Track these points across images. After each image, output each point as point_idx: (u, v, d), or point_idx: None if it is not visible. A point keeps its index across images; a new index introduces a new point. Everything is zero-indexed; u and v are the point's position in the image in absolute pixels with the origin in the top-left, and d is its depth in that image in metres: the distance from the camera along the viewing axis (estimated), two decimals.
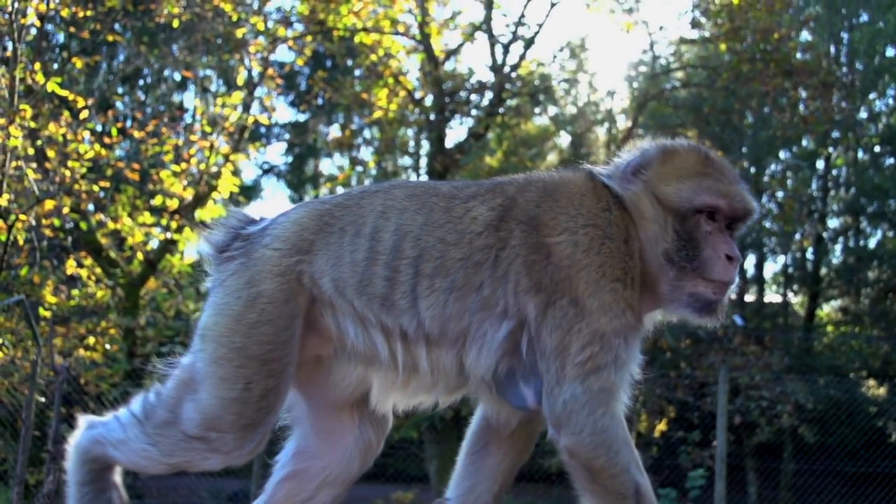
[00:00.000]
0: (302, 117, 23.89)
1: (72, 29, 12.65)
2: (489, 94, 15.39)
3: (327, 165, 25.42)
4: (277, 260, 2.92)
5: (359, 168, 18.56)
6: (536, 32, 15.40)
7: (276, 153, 29.01)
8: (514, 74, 15.66)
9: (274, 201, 31.14)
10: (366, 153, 19.55)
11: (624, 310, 2.73)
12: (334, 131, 20.15)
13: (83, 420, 3.05)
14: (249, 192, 23.80)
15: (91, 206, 13.44)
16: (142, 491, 15.81)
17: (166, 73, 18.21)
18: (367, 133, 19.64)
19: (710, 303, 2.80)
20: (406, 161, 21.75)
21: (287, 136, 24.67)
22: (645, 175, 2.87)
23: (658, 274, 2.82)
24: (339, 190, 18.00)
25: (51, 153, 11.96)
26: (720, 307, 2.83)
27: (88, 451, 2.98)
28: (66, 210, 11.64)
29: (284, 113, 31.07)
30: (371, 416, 3.18)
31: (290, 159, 25.87)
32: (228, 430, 2.83)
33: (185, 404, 2.88)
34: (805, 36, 21.91)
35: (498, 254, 2.81)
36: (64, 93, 11.81)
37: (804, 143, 21.67)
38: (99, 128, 13.40)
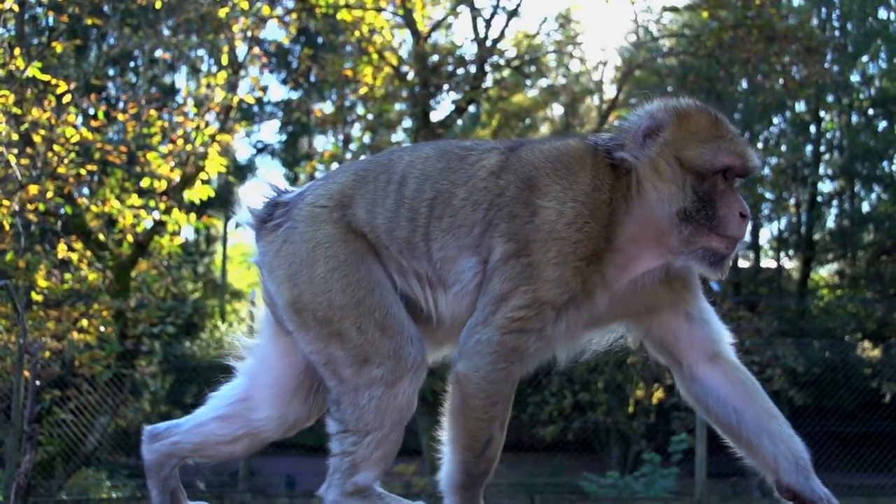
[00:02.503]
0: (295, 95, 23.91)
1: (50, 13, 12.63)
2: (472, 68, 15.33)
3: (322, 142, 25.39)
4: (327, 214, 3.03)
5: (352, 147, 18.52)
6: (518, 4, 15.35)
7: (271, 132, 28.97)
8: (498, 47, 15.60)
9: (269, 180, 31.15)
10: (357, 130, 19.49)
11: (576, 288, 2.85)
12: (324, 108, 20.08)
13: (320, 491, 3.07)
14: (244, 171, 23.85)
15: (82, 190, 13.47)
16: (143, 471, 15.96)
17: (157, 54, 18.12)
18: (359, 109, 19.58)
19: (724, 257, 2.91)
20: (400, 136, 21.70)
21: (280, 114, 24.64)
22: (660, 138, 2.94)
23: (668, 231, 2.90)
24: (333, 166, 18.02)
25: (37, 138, 11.97)
26: (728, 261, 2.94)
27: (343, 496, 3.00)
28: (49, 195, 11.65)
29: (277, 91, 30.96)
30: (321, 392, 3.24)
31: (283, 137, 25.90)
32: (384, 361, 2.91)
33: (342, 370, 2.96)
34: (798, 0, 21.78)
35: (493, 199, 2.93)
36: (46, 77, 11.82)
37: (798, 108, 21.58)
38: (91, 111, 13.41)
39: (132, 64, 22.09)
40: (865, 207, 23.70)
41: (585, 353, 3.27)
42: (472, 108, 20.10)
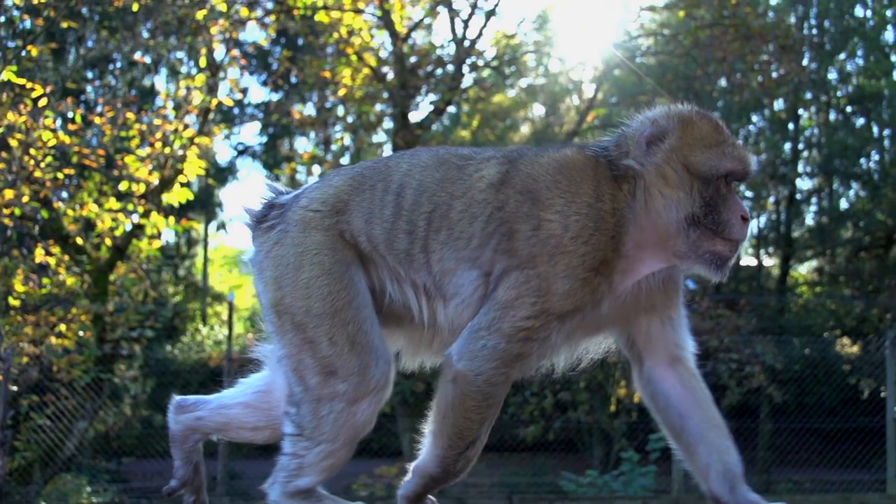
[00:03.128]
0: (276, 97, 23.83)
1: (25, 16, 12.54)
2: (450, 68, 15.33)
3: (303, 144, 25.33)
4: (320, 220, 3.04)
5: (333, 148, 18.46)
6: (496, 4, 15.33)
7: (251, 134, 28.87)
8: (476, 47, 15.59)
9: (250, 182, 31.08)
10: (338, 131, 19.42)
11: (584, 299, 2.88)
12: (305, 110, 20.01)
13: (265, 486, 3.10)
14: (224, 173, 23.75)
15: (61, 194, 13.38)
16: (126, 475, 15.86)
17: (136, 56, 18.02)
18: (340, 110, 19.52)
19: (727, 259, 2.97)
20: (381, 137, 21.65)
21: (261, 115, 24.55)
22: (665, 145, 2.98)
23: (675, 236, 2.94)
24: (314, 168, 17.97)
25: (13, 142, 11.89)
26: (730, 264, 3.01)
27: (284, 495, 3.04)
28: (25, 199, 11.57)
29: (258, 93, 30.84)
30: None
31: (264, 139, 25.81)
32: (348, 377, 2.94)
33: (309, 378, 2.98)
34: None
35: (492, 212, 2.94)
36: (21, 81, 11.73)
37: (776, 105, 21.67)
38: (70, 114, 13.31)
39: (111, 67, 21.97)
40: (843, 204, 23.85)
41: (583, 361, 3.30)
42: (452, 109, 20.10)
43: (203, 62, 14.60)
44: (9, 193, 11.20)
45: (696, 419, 3.10)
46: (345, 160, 18.50)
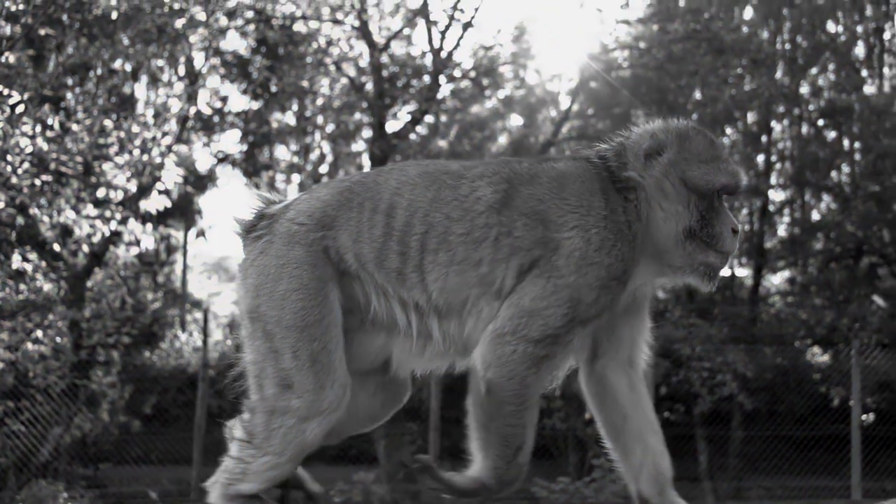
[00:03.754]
0: (256, 105, 23.73)
1: (4, 23, 12.50)
2: (427, 79, 15.40)
3: (283, 152, 25.29)
4: (304, 234, 3.05)
5: (312, 157, 18.50)
6: (472, 17, 15.42)
7: (232, 142, 28.77)
8: (453, 58, 15.67)
9: (229, 189, 31.00)
10: (317, 139, 19.45)
11: (606, 306, 2.96)
12: (285, 119, 20.04)
13: (208, 484, 3.11)
14: (204, 180, 23.67)
15: (40, 200, 13.33)
16: (103, 481, 15.76)
17: (116, 64, 17.96)
18: (319, 119, 19.53)
19: (718, 270, 3.06)
20: (360, 145, 21.69)
21: (242, 124, 24.46)
22: (663, 158, 3.03)
23: (672, 248, 3.02)
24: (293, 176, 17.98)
25: None
26: (720, 274, 3.11)
27: (224, 497, 3.05)
28: (0, 205, 11.54)
29: (239, 101, 30.77)
30: (387, 384, 3.33)
31: (244, 147, 25.67)
32: (303, 394, 2.95)
33: (267, 387, 3.00)
34: (748, 13, 22.08)
35: (499, 236, 2.95)
36: None
37: (749, 118, 21.85)
38: (50, 121, 13.26)
39: (91, 74, 21.84)
40: (815, 216, 24.03)
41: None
42: (431, 119, 20.14)
43: (182, 70, 14.62)
44: None
45: (637, 421, 3.16)
46: (323, 168, 18.54)
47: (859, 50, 23.80)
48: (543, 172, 3.07)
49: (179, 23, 14.03)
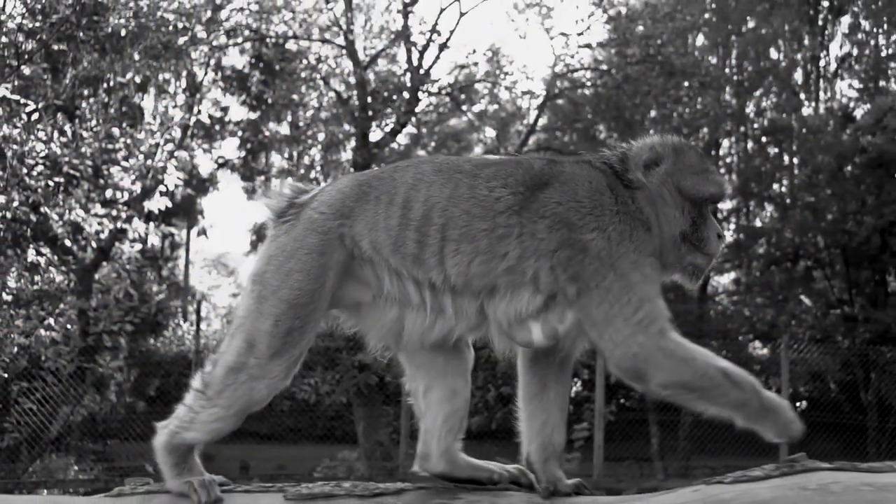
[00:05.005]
0: (254, 116, 23.74)
1: (30, 39, 12.54)
2: (406, 95, 15.48)
3: (278, 159, 25.32)
4: (322, 222, 3.04)
5: (304, 163, 18.53)
6: (448, 38, 15.51)
7: (232, 148, 28.77)
8: (431, 76, 15.77)
9: (229, 192, 30.91)
10: (309, 149, 19.49)
11: (659, 277, 2.93)
12: (280, 129, 20.09)
13: (159, 426, 3.07)
14: (206, 183, 23.74)
15: (57, 199, 13.35)
16: (111, 456, 15.76)
17: (126, 77, 17.96)
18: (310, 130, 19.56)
19: (704, 271, 3.06)
20: (349, 154, 21.74)
21: (240, 133, 24.50)
22: (661, 169, 3.04)
23: (668, 249, 3.01)
24: (287, 180, 17.91)
25: (8, 152, 11.87)
26: (704, 274, 3.10)
27: (167, 443, 3.03)
28: (15, 204, 11.56)
29: (238, 112, 30.77)
30: (454, 350, 3.21)
31: (242, 154, 25.71)
32: (261, 356, 2.94)
33: (237, 340, 2.98)
34: (699, 40, 22.32)
35: (521, 235, 2.92)
36: (16, 97, 11.73)
37: (700, 135, 22.05)
38: (64, 128, 13.28)
39: (103, 85, 21.79)
40: (758, 223, 24.30)
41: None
42: (413, 130, 20.24)
43: (183, 83, 14.67)
44: None
45: (552, 394, 3.14)
46: (313, 174, 18.59)
47: (798, 75, 24.11)
48: (554, 177, 3.05)
49: (182, 40, 14.06)
